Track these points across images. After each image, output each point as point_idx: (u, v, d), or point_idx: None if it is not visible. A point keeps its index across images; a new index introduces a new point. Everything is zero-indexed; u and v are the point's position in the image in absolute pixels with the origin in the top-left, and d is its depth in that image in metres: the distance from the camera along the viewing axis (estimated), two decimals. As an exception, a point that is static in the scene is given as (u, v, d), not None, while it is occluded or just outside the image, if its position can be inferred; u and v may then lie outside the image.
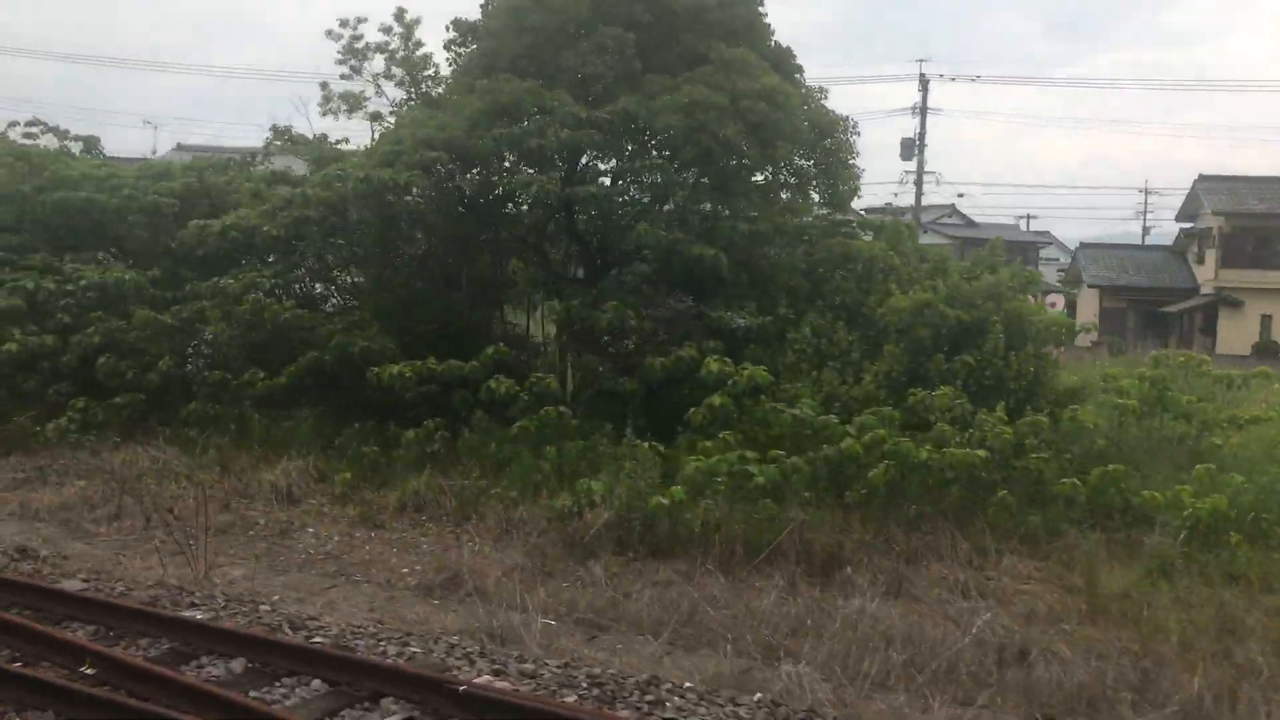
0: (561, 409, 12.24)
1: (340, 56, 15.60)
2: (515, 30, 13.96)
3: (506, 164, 14.00)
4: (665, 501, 9.76)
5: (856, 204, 17.95)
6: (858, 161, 15.12)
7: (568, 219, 15.66)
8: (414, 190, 13.49)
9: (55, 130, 20.46)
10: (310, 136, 18.59)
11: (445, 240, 15.08)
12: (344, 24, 15.72)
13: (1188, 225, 49.71)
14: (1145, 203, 75.66)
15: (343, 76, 15.78)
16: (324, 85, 15.89)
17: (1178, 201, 52.38)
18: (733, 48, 14.32)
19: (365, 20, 15.77)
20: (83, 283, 15.45)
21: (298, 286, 15.83)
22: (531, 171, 14.33)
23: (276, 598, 8.93)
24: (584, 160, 14.50)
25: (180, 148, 43.98)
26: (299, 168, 19.74)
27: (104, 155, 22.09)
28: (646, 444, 11.95)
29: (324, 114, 15.63)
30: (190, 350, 14.92)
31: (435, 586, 9.36)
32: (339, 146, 18.19)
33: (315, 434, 14.03)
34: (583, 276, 16.47)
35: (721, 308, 13.37)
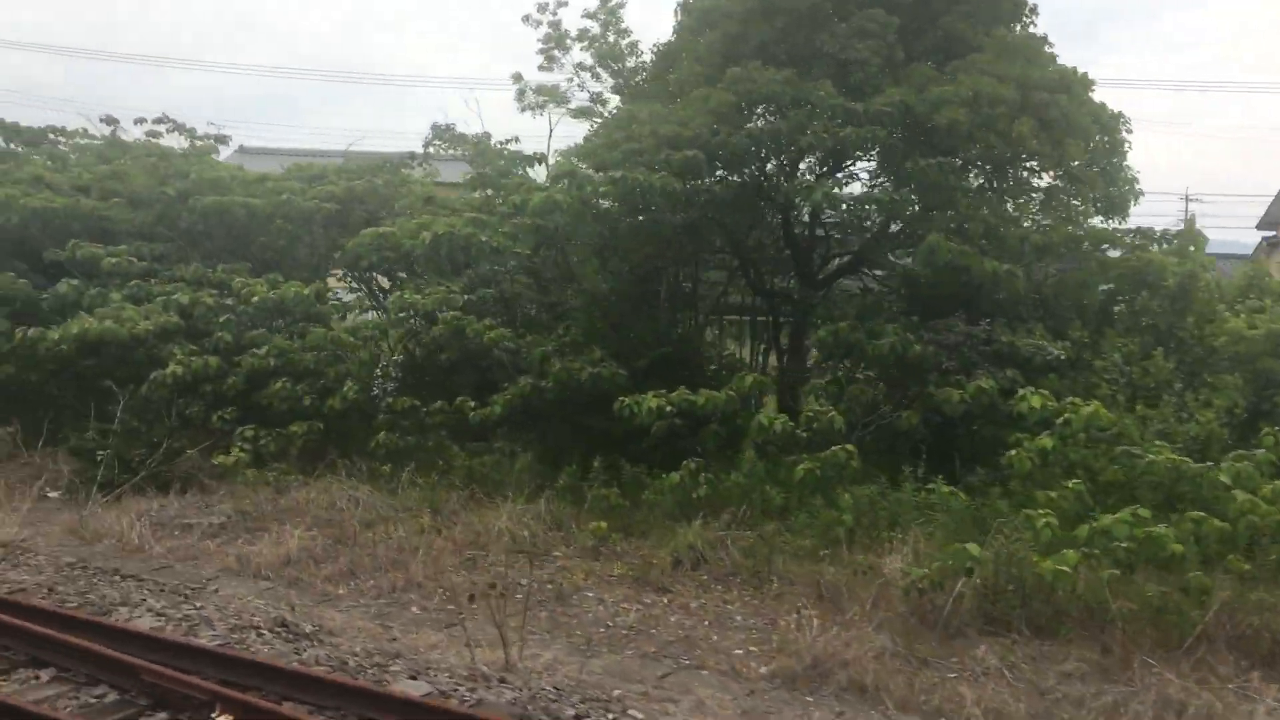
0: (848, 448, 10.69)
1: (541, 45, 14.11)
2: (763, 12, 12.43)
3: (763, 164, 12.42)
4: (1067, 569, 8.16)
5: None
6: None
7: (785, 225, 14.17)
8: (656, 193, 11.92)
9: (181, 128, 19.15)
10: (470, 136, 17.22)
11: (663, 252, 13.55)
12: (542, 9, 14.26)
13: (1270, 234, 47.66)
14: (1186, 209, 73.31)
15: (540, 68, 14.31)
16: (517, 77, 14.43)
17: (1217, 209, 50.38)
18: (997, 32, 12.79)
19: (566, 4, 14.32)
20: (255, 299, 14.00)
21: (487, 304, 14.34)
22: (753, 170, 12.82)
23: (618, 692, 7.39)
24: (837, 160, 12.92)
25: (243, 150, 42.85)
26: (449, 170, 18.37)
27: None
28: (948, 490, 10.45)
29: (522, 110, 14.14)
30: (378, 373, 13.46)
31: (797, 678, 7.80)
32: (509, 146, 16.81)
33: (530, 472, 12.57)
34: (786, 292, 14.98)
35: (1006, 331, 11.77)
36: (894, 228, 13.51)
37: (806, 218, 14.20)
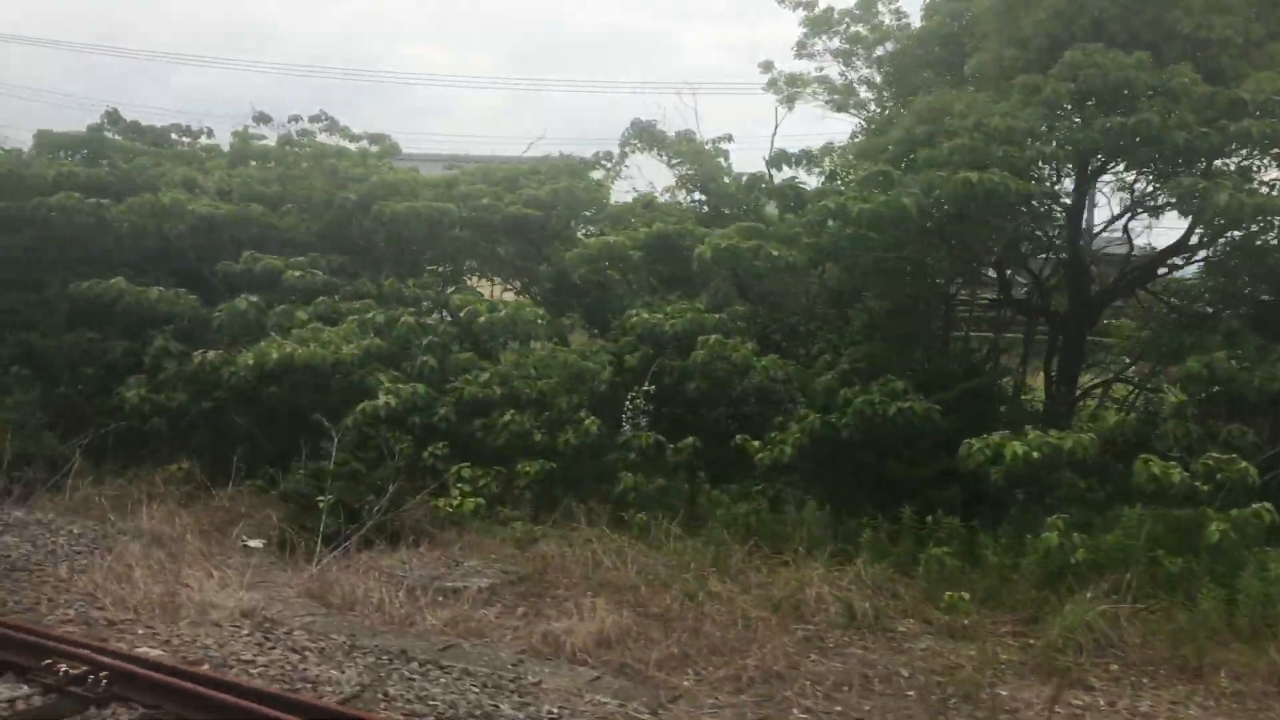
0: (1267, 506, 8.96)
1: (805, 29, 12.47)
2: (1101, -19, 10.74)
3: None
4: None
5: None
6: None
7: (1073, 236, 12.50)
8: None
9: (334, 125, 17.60)
10: (670, 134, 15.62)
11: (950, 265, 11.90)
12: (802, -15, 12.65)
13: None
14: None
15: (797, 54, 12.66)
16: (767, 65, 12.76)
17: None
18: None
19: (830, -21, 12.70)
20: (482, 319, 12.43)
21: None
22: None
23: None
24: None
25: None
26: (646, 169, 16.77)
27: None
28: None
29: (781, 103, 12.54)
30: (628, 406, 11.85)
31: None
32: (721, 145, 15.24)
33: (820, 524, 10.91)
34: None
35: None
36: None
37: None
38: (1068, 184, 12.16)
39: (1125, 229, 12.41)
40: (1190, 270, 13.23)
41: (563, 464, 12.14)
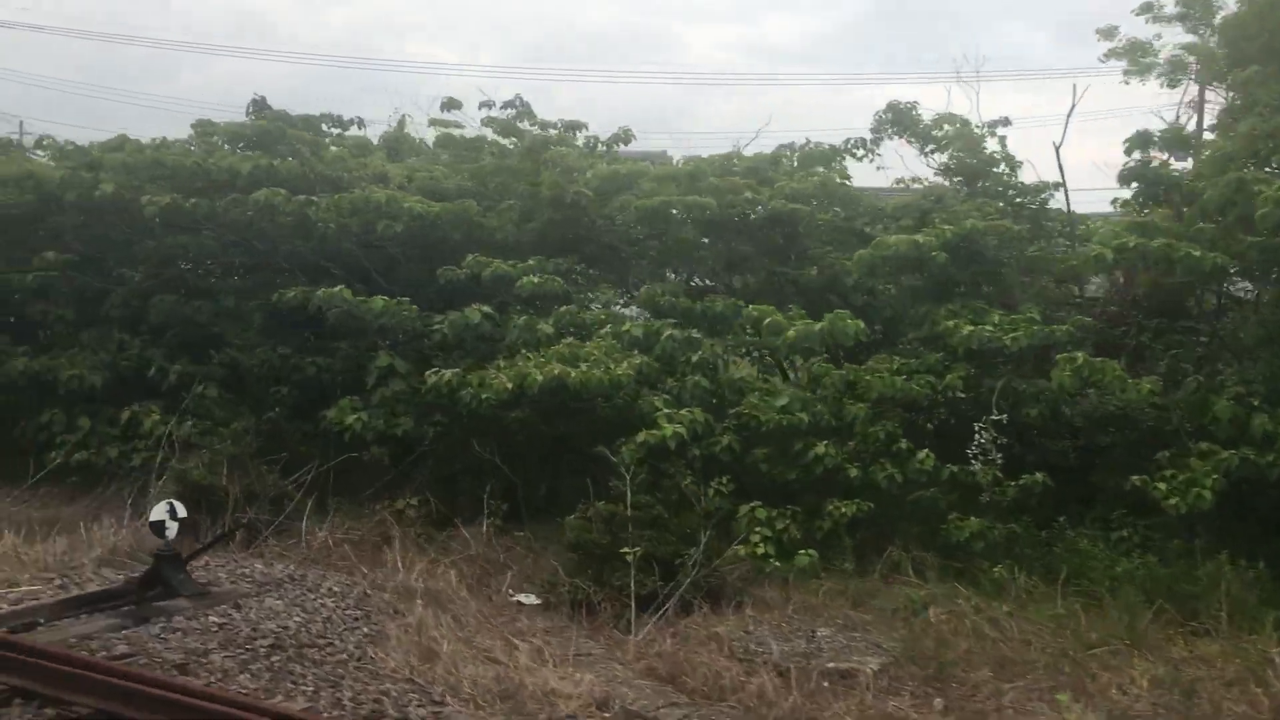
0: None
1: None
2: None
3: None
4: None
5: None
6: None
7: None
8: None
9: (526, 111, 15.80)
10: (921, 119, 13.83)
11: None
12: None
13: None
14: None
15: (1149, 19, 10.78)
16: (1108, 32, 10.87)
17: None
18: None
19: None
20: (790, 333, 10.67)
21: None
22: None
23: None
24: None
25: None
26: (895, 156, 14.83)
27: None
28: None
29: (1125, 79, 10.71)
30: (979, 438, 10.06)
31: None
32: (995, 130, 13.42)
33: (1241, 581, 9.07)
34: None
35: None
36: None
37: None
38: None
39: None
40: None
41: (880, 504, 10.41)
